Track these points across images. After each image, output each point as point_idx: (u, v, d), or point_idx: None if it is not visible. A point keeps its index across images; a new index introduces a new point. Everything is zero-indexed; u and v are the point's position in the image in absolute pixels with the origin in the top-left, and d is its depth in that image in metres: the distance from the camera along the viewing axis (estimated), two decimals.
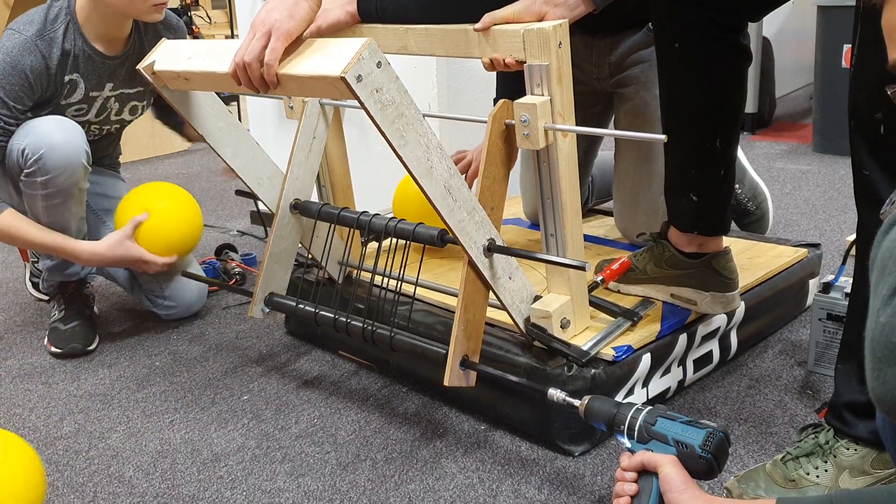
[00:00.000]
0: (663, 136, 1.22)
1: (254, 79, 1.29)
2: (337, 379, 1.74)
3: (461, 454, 1.44)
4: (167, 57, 1.47)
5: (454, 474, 1.39)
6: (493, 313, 1.53)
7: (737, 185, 2.32)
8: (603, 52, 1.91)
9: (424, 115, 1.26)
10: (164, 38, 1.53)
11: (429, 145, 1.24)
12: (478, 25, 1.35)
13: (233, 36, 4.76)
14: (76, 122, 1.92)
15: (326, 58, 1.21)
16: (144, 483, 1.41)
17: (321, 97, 1.64)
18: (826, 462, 1.21)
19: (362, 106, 1.16)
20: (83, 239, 1.92)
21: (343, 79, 1.13)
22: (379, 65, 1.16)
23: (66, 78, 1.83)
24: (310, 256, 1.78)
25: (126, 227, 1.87)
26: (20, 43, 1.76)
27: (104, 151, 2.13)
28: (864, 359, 0.68)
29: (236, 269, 2.33)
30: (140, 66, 1.48)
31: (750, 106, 3.88)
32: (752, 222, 2.36)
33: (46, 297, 2.12)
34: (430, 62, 2.28)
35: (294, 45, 1.29)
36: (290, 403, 1.65)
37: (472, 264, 1.35)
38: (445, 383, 1.36)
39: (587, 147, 2.09)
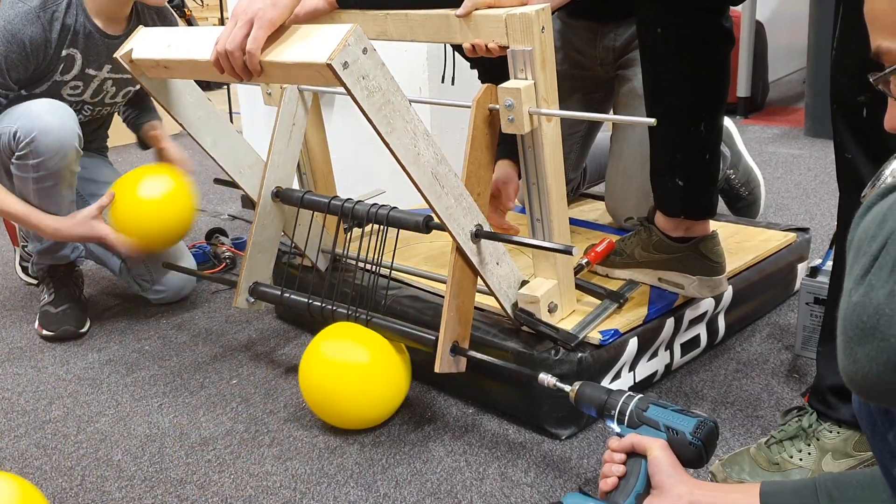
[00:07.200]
0: (652, 120, 1.21)
1: (236, 67, 1.27)
2: None
3: (449, 438, 1.45)
4: (146, 45, 1.44)
5: (441, 457, 1.39)
6: (479, 298, 1.53)
7: (731, 171, 2.32)
8: (608, 37, 1.92)
9: (412, 102, 1.25)
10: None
11: (416, 132, 1.24)
12: (459, 11, 1.33)
13: (223, 18, 4.73)
14: (72, 101, 1.92)
15: (311, 45, 1.19)
16: (133, 467, 1.41)
17: (305, 84, 1.63)
18: (809, 445, 1.22)
19: (349, 93, 1.16)
20: None
21: (329, 66, 1.12)
22: (365, 51, 1.15)
23: (63, 52, 1.83)
24: (293, 245, 1.78)
25: (92, 207, 1.85)
26: (22, 13, 1.76)
27: (92, 135, 2.12)
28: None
29: (227, 254, 2.32)
30: (118, 55, 1.46)
31: (742, 90, 3.88)
32: (744, 207, 2.37)
33: (35, 282, 2.12)
34: (421, 45, 2.27)
35: (277, 33, 1.27)
36: (279, 387, 1.65)
37: (459, 250, 1.35)
38: (437, 370, 1.36)
39: (586, 133, 2.09)
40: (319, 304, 1.56)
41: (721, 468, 1.26)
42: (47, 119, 1.73)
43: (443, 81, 1.85)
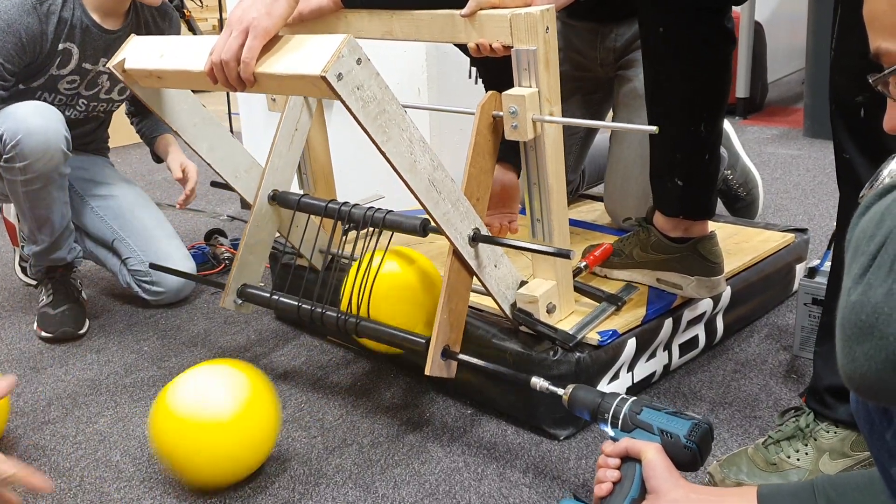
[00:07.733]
0: (654, 128, 1.21)
1: (230, 77, 1.26)
2: (324, 364, 1.75)
3: (447, 438, 1.45)
4: (138, 54, 1.43)
5: (440, 458, 1.39)
6: (478, 298, 1.53)
7: (728, 171, 2.33)
8: (609, 38, 1.92)
9: (411, 108, 1.25)
10: (159, 25, 1.51)
11: (412, 139, 1.24)
12: (464, 10, 1.34)
13: (222, 19, 4.73)
14: (68, 94, 1.91)
15: (305, 55, 1.18)
16: (131, 468, 1.41)
17: (300, 95, 1.62)
18: (807, 445, 1.22)
19: (343, 104, 1.15)
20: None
21: (323, 78, 1.12)
22: (359, 61, 1.15)
23: (60, 46, 1.83)
24: (289, 245, 1.77)
25: None
26: (18, 4, 1.77)
27: (92, 136, 2.13)
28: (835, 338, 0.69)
29: (226, 255, 2.33)
30: (110, 65, 1.46)
31: (741, 90, 3.88)
32: (742, 208, 2.37)
33: (34, 283, 2.12)
34: (420, 47, 2.27)
35: (271, 43, 1.26)
36: (278, 388, 1.64)
37: (456, 254, 1.35)
38: (427, 373, 1.36)
39: (585, 135, 2.09)
40: (309, 307, 1.54)
41: (719, 469, 1.26)
42: (32, 121, 1.73)
43: (471, 79, 1.84)
